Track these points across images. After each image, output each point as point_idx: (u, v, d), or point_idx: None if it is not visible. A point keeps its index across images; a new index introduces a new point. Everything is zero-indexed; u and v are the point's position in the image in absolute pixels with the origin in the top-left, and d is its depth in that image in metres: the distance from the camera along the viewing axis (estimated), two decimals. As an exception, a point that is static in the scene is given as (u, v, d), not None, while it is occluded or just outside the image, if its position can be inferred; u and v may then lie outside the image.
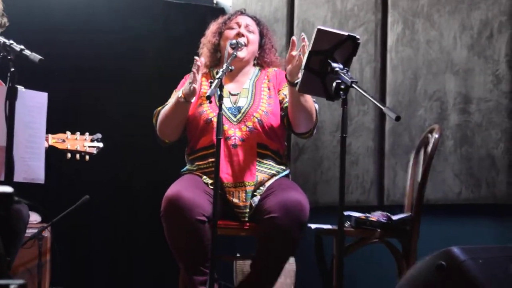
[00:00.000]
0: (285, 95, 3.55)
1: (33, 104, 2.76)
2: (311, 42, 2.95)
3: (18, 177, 2.66)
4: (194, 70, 3.34)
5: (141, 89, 4.31)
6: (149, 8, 5.69)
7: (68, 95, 4.95)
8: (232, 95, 3.63)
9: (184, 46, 3.81)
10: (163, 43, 5.50)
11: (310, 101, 3.44)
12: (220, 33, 3.74)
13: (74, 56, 5.21)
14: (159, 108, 3.62)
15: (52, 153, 3.41)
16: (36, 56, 2.63)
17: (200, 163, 3.56)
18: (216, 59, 3.72)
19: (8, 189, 1.70)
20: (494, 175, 3.42)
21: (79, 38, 5.31)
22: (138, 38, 5.50)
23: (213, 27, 3.81)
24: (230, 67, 3.23)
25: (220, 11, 5.85)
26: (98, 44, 5.36)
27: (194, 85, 3.32)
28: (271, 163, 3.56)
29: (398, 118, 2.79)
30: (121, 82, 5.26)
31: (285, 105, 3.56)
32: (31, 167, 2.71)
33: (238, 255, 3.87)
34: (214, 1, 6.09)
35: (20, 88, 2.69)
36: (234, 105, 3.59)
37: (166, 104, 3.58)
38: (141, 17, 5.60)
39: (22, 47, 2.72)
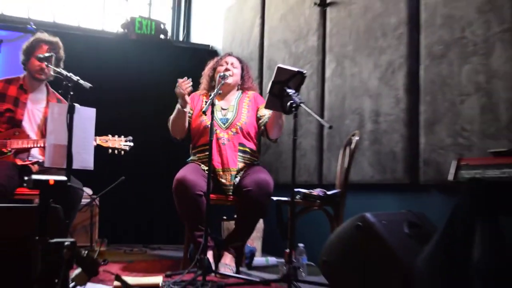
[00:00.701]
0: (262, 115, 3.66)
1: (85, 116, 2.78)
2: (273, 75, 3.00)
3: (75, 166, 2.68)
4: (180, 90, 3.46)
5: (158, 106, 4.34)
6: (164, 50, 5.70)
7: (111, 110, 4.93)
8: (223, 109, 3.67)
9: (188, 75, 3.82)
10: (173, 74, 5.43)
11: (283, 122, 3.50)
12: (214, 68, 3.79)
13: (114, 85, 5.19)
14: (170, 116, 3.67)
15: (99, 149, 3.44)
16: (87, 84, 2.66)
17: (200, 155, 3.61)
18: (211, 85, 3.77)
19: (63, 178, 1.74)
20: (395, 164, 3.43)
21: (117, 72, 5.31)
22: (157, 71, 5.50)
23: (210, 64, 3.87)
24: (219, 91, 3.27)
25: (214, 52, 5.87)
26: (129, 76, 5.36)
27: (184, 95, 3.47)
28: (247, 156, 3.61)
29: (330, 127, 2.84)
30: (145, 102, 5.28)
31: (264, 121, 3.64)
32: (84, 158, 2.74)
33: (224, 217, 3.90)
34: (210, 46, 6.09)
35: (77, 105, 2.71)
36: (224, 117, 3.64)
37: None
38: (158, 56, 5.60)
39: (78, 77, 2.74)
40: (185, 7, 6.87)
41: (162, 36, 5.78)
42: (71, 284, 1.53)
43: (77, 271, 1.54)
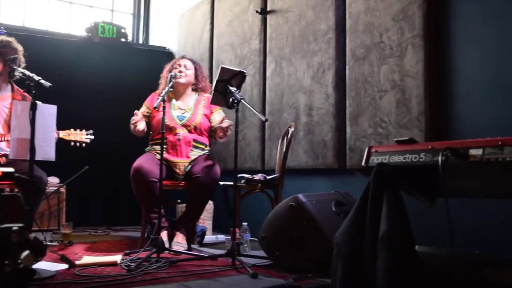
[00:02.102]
0: (214, 120, 3.69)
1: (46, 112, 2.71)
2: (218, 74, 3.00)
3: (38, 157, 2.61)
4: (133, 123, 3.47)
5: (120, 103, 4.28)
6: (125, 52, 5.60)
7: (76, 107, 4.84)
8: (181, 109, 3.64)
9: (147, 75, 3.80)
10: (134, 72, 5.42)
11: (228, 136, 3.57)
12: (171, 70, 3.73)
13: (79, 83, 5.13)
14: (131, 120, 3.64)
15: (62, 142, 3.37)
16: (47, 83, 2.59)
17: (156, 147, 3.57)
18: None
19: (10, 169, 1.70)
20: (326, 151, 3.50)
21: (82, 72, 5.23)
22: (118, 70, 5.43)
23: (167, 66, 3.83)
24: (170, 89, 3.25)
25: (170, 53, 5.81)
26: (93, 76, 5.28)
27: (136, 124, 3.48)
28: (199, 150, 3.60)
29: (266, 120, 2.87)
30: (108, 99, 5.19)
31: (214, 127, 3.67)
32: (46, 151, 2.67)
33: (179, 201, 3.88)
34: (166, 48, 6.02)
35: (39, 102, 2.64)
36: (181, 115, 3.61)
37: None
38: (120, 58, 5.52)
39: (40, 78, 2.67)
40: (144, 13, 6.76)
41: (123, 40, 5.67)
42: (21, 265, 1.51)
43: (25, 252, 1.52)
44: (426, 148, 1.65)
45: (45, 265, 2.68)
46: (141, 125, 3.54)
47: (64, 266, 2.73)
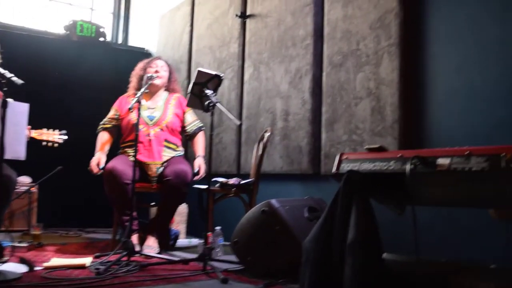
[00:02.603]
0: (187, 122, 3.69)
1: (18, 110, 2.65)
2: (194, 77, 2.98)
3: (7, 156, 2.55)
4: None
5: (97, 103, 4.22)
6: (103, 51, 5.57)
7: (51, 106, 4.80)
8: (150, 108, 3.61)
9: (125, 75, 3.77)
10: (112, 72, 5.36)
11: (205, 144, 3.63)
12: (145, 69, 3.71)
13: (56, 82, 5.09)
14: (99, 127, 3.71)
15: (35, 141, 3.31)
16: (19, 81, 2.53)
17: (128, 149, 3.55)
18: (140, 84, 3.69)
19: None
20: (301, 157, 3.50)
21: (59, 71, 5.18)
22: (96, 70, 5.39)
23: (140, 65, 3.79)
24: (146, 90, 3.22)
25: (149, 54, 5.77)
26: (70, 74, 5.23)
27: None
28: (171, 150, 3.58)
29: (240, 124, 2.87)
30: (84, 98, 5.13)
31: (189, 132, 3.69)
32: (16, 149, 2.61)
33: (152, 203, 3.84)
34: (145, 49, 5.99)
35: (10, 100, 2.59)
36: (151, 114, 3.58)
37: (103, 124, 3.71)
38: (98, 57, 5.48)
39: (12, 74, 2.61)
40: (124, 13, 6.70)
41: (101, 39, 5.62)
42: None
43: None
44: (395, 156, 1.66)
45: (11, 267, 2.62)
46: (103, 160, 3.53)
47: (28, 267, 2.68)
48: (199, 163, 3.50)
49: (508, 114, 2.41)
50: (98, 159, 3.44)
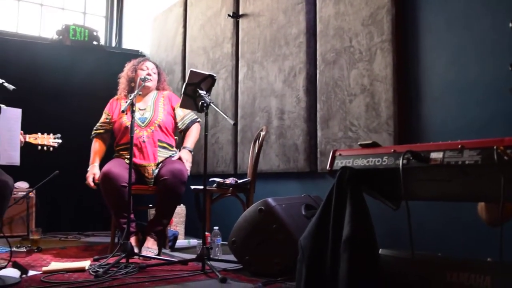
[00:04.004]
0: (179, 117, 3.67)
1: (11, 116, 2.65)
2: (187, 78, 2.97)
3: (2, 162, 2.55)
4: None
5: (91, 107, 4.20)
6: (97, 55, 5.56)
7: (46, 110, 4.81)
8: (141, 109, 3.61)
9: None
10: (106, 76, 5.32)
11: (197, 137, 3.61)
12: (135, 70, 3.70)
13: (50, 87, 5.10)
14: (92, 134, 3.73)
15: (31, 146, 3.31)
16: (10, 86, 2.54)
17: (122, 152, 3.55)
18: (130, 86, 3.70)
19: None
20: (297, 155, 3.50)
21: (52, 74, 5.18)
22: (91, 73, 5.37)
23: (129, 66, 3.79)
24: (139, 92, 3.20)
25: (143, 56, 5.71)
26: (63, 77, 5.23)
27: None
28: (166, 150, 3.57)
29: (235, 124, 2.87)
30: (79, 102, 5.11)
31: (181, 127, 3.66)
32: (10, 155, 2.61)
33: (150, 205, 3.84)
34: (139, 51, 5.98)
35: (3, 106, 2.59)
36: (142, 116, 3.58)
37: (96, 130, 3.73)
38: (92, 61, 5.46)
39: (3, 80, 2.61)
40: (117, 16, 6.70)
41: (95, 42, 5.62)
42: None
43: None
44: (388, 152, 1.66)
45: (10, 272, 2.62)
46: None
47: (31, 272, 2.69)
48: (180, 155, 3.49)
49: (503, 107, 2.41)
50: (93, 174, 3.45)
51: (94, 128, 3.72)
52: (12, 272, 2.60)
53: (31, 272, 2.67)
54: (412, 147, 1.60)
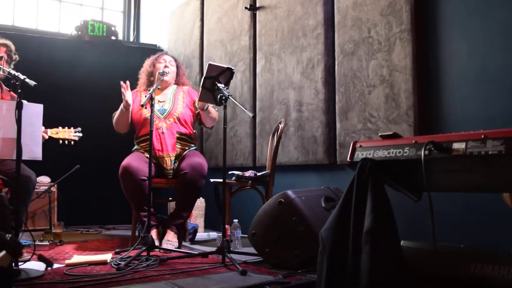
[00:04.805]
0: (197, 107, 3.61)
1: (33, 111, 2.69)
2: (205, 71, 2.97)
3: (25, 157, 2.59)
4: (122, 90, 3.39)
5: (110, 101, 4.22)
6: (115, 50, 5.59)
7: (66, 105, 4.87)
8: (160, 102, 3.63)
9: (138, 72, 3.80)
10: (125, 70, 5.35)
11: (214, 113, 3.51)
12: (153, 65, 3.73)
13: (69, 82, 5.15)
14: (114, 113, 3.62)
15: (52, 142, 3.36)
16: (32, 82, 2.56)
17: (142, 144, 3.58)
18: (149, 81, 3.72)
19: None
20: (316, 147, 3.49)
21: (72, 70, 5.24)
22: (109, 69, 5.41)
23: (148, 61, 3.81)
24: (158, 86, 3.22)
25: (160, 50, 5.75)
26: (83, 74, 5.28)
27: (126, 99, 3.42)
28: (185, 142, 3.59)
29: (253, 116, 2.86)
30: (98, 97, 5.11)
31: (198, 111, 3.60)
32: (33, 150, 2.65)
33: (170, 199, 3.87)
34: (157, 45, 6.01)
35: (24, 102, 2.62)
36: (162, 108, 3.60)
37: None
38: (110, 56, 5.51)
39: (25, 76, 2.63)
40: (134, 11, 6.73)
41: (113, 37, 5.65)
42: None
43: (1, 253, 1.50)
44: (410, 143, 1.64)
45: (34, 265, 2.66)
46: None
47: (54, 265, 2.72)
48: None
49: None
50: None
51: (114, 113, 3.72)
52: (37, 265, 2.64)
53: (55, 265, 2.71)
54: (434, 137, 1.58)
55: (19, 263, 2.52)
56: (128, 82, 3.42)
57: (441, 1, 2.82)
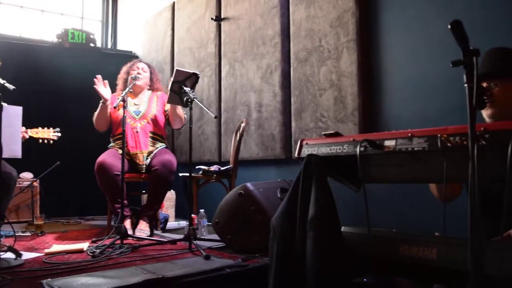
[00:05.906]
0: (167, 110, 3.57)
1: (12, 113, 2.62)
2: (173, 76, 2.95)
3: (5, 155, 2.52)
4: (95, 87, 3.36)
5: (89, 105, 4.14)
6: (94, 56, 5.49)
7: (43, 107, 4.74)
8: (136, 104, 3.59)
9: (115, 77, 3.74)
10: (103, 75, 5.26)
11: (181, 114, 3.47)
12: (128, 72, 3.68)
13: (51, 86, 5.04)
14: (94, 113, 3.56)
15: (31, 140, 3.27)
16: (11, 86, 2.48)
17: (118, 142, 3.54)
18: (125, 86, 3.67)
19: None
20: (274, 144, 3.52)
21: (53, 75, 5.12)
22: (88, 73, 5.25)
23: (124, 68, 3.77)
24: (130, 90, 3.18)
25: (136, 57, 5.69)
26: (63, 77, 5.16)
27: (100, 94, 3.38)
28: (156, 141, 3.56)
29: (216, 117, 2.85)
30: (77, 100, 5.00)
31: (167, 114, 3.58)
32: (12, 149, 2.58)
33: (143, 191, 3.83)
34: (132, 52, 5.92)
35: (4, 104, 2.55)
36: (137, 110, 3.56)
37: None
38: (89, 62, 5.39)
39: (4, 81, 2.56)
40: (112, 20, 6.61)
41: (92, 45, 5.55)
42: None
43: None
44: (348, 140, 1.67)
45: (8, 256, 2.59)
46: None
47: (34, 254, 2.67)
48: None
49: (454, 99, 2.44)
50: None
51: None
52: (9, 256, 2.58)
53: (32, 255, 2.65)
54: (369, 136, 1.62)
55: (0, 253, 2.45)
56: (100, 77, 3.37)
57: (382, 15, 2.88)
